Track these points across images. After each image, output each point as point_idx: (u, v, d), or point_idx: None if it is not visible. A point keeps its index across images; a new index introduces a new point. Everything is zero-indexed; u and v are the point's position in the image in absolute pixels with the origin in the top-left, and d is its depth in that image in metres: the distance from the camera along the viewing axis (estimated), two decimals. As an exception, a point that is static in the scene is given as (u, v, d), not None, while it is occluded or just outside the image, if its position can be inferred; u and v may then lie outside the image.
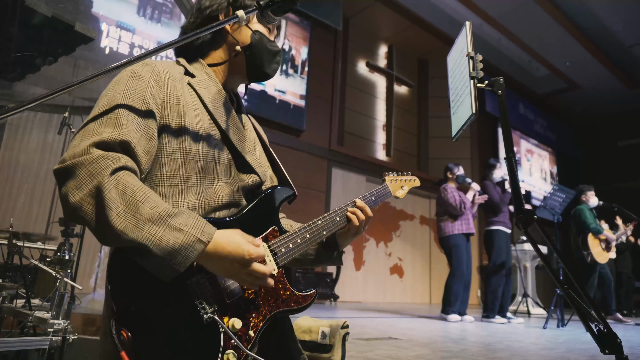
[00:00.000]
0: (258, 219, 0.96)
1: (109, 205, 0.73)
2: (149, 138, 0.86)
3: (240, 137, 1.02)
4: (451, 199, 5.09)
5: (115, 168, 0.76)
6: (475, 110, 1.52)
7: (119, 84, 0.88)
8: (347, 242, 1.16)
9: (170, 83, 0.94)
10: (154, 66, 0.93)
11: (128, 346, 0.73)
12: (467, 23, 1.66)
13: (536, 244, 1.46)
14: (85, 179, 0.74)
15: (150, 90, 0.89)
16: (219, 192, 0.93)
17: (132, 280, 0.78)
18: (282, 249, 0.96)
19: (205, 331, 0.80)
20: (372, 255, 8.76)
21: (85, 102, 4.50)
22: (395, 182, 1.36)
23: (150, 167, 0.88)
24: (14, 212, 4.54)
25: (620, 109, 12.28)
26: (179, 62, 1.04)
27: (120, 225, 0.72)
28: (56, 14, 2.16)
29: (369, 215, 1.14)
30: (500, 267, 5.16)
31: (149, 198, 0.77)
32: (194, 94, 0.97)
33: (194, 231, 0.77)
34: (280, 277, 0.95)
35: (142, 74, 0.90)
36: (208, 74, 1.04)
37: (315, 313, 4.51)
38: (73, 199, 0.74)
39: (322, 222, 1.06)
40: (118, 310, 0.76)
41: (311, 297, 0.99)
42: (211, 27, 0.88)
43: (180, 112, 0.92)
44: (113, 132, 0.80)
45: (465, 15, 8.75)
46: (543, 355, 2.55)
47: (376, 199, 1.23)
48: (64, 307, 1.88)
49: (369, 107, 9.58)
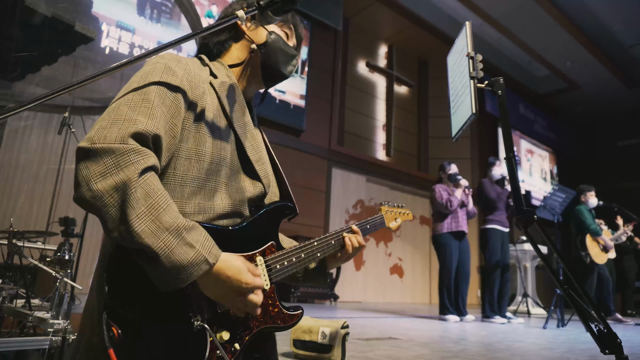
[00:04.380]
0: (258, 232, 0.96)
1: (132, 204, 0.71)
2: (173, 136, 0.85)
3: (253, 145, 1.02)
4: (438, 197, 5.10)
5: (146, 167, 0.75)
6: (475, 110, 1.52)
7: (153, 74, 0.86)
8: (334, 265, 1.20)
9: (199, 84, 0.93)
10: (186, 64, 0.93)
11: (116, 343, 0.72)
12: (467, 23, 1.66)
13: (536, 244, 1.46)
14: (112, 169, 0.72)
15: (183, 88, 0.89)
16: (225, 199, 0.93)
17: (130, 278, 0.78)
18: (277, 265, 0.97)
19: (192, 339, 0.80)
20: (372, 255, 8.76)
21: (85, 102, 4.51)
22: (390, 214, 1.42)
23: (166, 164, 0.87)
24: (14, 212, 4.54)
25: (620, 109, 12.28)
26: (203, 60, 1.03)
27: (139, 227, 0.71)
28: (56, 14, 2.16)
29: (362, 244, 1.18)
30: (495, 266, 5.17)
31: (169, 206, 0.76)
32: (214, 96, 0.97)
33: (203, 250, 0.77)
34: (271, 293, 0.95)
35: (176, 70, 0.89)
36: (229, 76, 1.03)
37: (315, 313, 4.51)
38: (95, 186, 0.71)
39: (318, 244, 1.08)
40: (111, 305, 0.75)
41: (297, 317, 0.99)
42: (211, 27, 0.88)
43: (202, 113, 0.92)
44: (148, 123, 0.79)
45: (465, 15, 8.75)
46: (543, 355, 2.55)
47: (371, 228, 1.29)
48: (64, 307, 1.88)
49: (369, 107, 9.58)
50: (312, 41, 8.21)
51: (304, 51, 8.01)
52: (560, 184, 5.26)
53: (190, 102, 0.90)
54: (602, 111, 12.62)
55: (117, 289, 0.76)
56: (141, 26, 5.97)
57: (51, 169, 4.88)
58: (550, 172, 13.02)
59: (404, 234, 9.44)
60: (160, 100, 0.83)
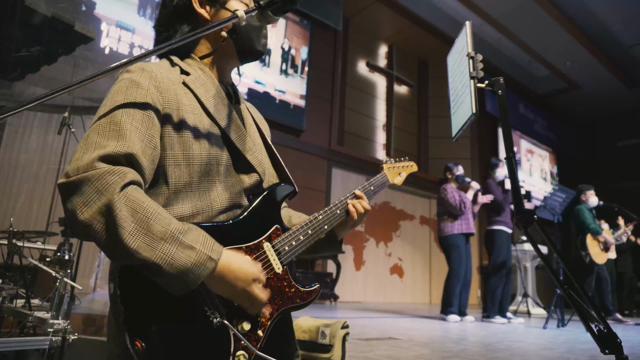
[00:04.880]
0: (261, 219, 0.96)
1: (120, 224, 0.72)
2: (153, 147, 0.85)
3: (240, 135, 1.00)
4: (451, 199, 5.09)
5: (124, 184, 0.75)
6: (476, 110, 1.51)
7: (118, 94, 0.86)
8: (344, 232, 1.17)
9: (169, 87, 0.92)
10: (151, 71, 0.91)
11: (142, 356, 0.73)
12: (467, 23, 1.66)
13: (536, 244, 1.46)
14: (93, 196, 0.73)
15: (151, 97, 0.87)
16: (222, 195, 0.93)
17: (143, 290, 0.78)
18: (285, 247, 0.96)
19: (216, 335, 0.81)
20: (372, 255, 8.76)
21: (85, 102, 4.51)
22: (393, 170, 1.38)
23: (153, 175, 0.87)
24: (14, 212, 4.54)
25: (620, 109, 12.28)
26: (172, 60, 1.01)
27: (133, 244, 0.72)
28: (56, 14, 2.16)
29: (367, 208, 1.15)
30: (501, 267, 5.16)
31: (159, 215, 0.76)
32: (190, 95, 0.95)
33: (205, 249, 0.77)
34: (285, 275, 0.95)
35: (140, 82, 0.88)
36: (202, 69, 1.01)
37: (315, 313, 4.51)
38: (82, 216, 0.72)
39: (323, 217, 1.07)
40: (129, 319, 0.75)
41: (315, 292, 1.00)
42: (211, 27, 0.86)
43: (181, 116, 0.91)
44: (117, 144, 0.78)
45: (465, 15, 8.75)
46: (543, 355, 2.55)
47: (375, 189, 1.25)
48: (64, 307, 1.88)
49: (369, 107, 9.58)
50: (312, 41, 8.21)
51: (304, 51, 8.02)
52: (560, 184, 5.26)
53: (163, 109, 0.89)
54: (602, 111, 12.62)
55: (133, 303, 0.77)
56: (141, 26, 5.97)
57: (51, 169, 4.88)
58: (550, 172, 13.02)
59: (404, 234, 9.44)
60: (129, 119, 0.82)
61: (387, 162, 1.38)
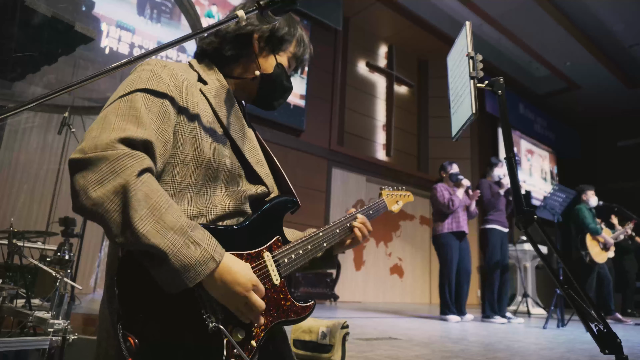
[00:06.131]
0: (263, 228, 0.96)
1: (134, 206, 0.71)
2: (165, 141, 0.85)
3: (249, 148, 1.02)
4: (440, 197, 5.10)
5: (142, 169, 0.75)
6: (475, 110, 1.52)
7: (139, 81, 0.86)
8: (340, 251, 1.21)
9: (188, 89, 0.93)
10: (172, 69, 0.92)
11: (134, 352, 0.73)
12: (467, 23, 1.66)
13: (536, 244, 1.46)
14: (109, 175, 0.72)
15: (171, 93, 0.88)
16: (226, 200, 0.93)
17: (142, 285, 0.78)
18: (285, 259, 0.97)
19: (209, 340, 0.80)
20: (372, 255, 8.76)
21: (85, 102, 4.50)
22: (391, 197, 1.44)
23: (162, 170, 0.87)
24: (14, 212, 4.54)
25: (620, 109, 12.27)
26: (192, 66, 1.02)
27: (144, 228, 0.71)
28: (56, 14, 2.16)
29: (370, 229, 1.21)
30: (495, 266, 5.17)
31: (171, 206, 0.77)
32: (206, 102, 0.96)
33: (209, 248, 0.77)
34: (282, 287, 0.95)
35: (162, 76, 0.89)
36: (220, 81, 1.02)
37: (315, 313, 4.49)
38: (94, 194, 0.71)
39: (323, 234, 1.10)
40: (125, 315, 0.75)
41: (310, 308, 1.00)
42: (211, 27, 0.87)
43: (195, 118, 0.91)
44: (137, 130, 0.79)
45: (465, 15, 8.75)
46: (543, 355, 2.55)
47: (373, 213, 1.30)
48: (64, 307, 1.88)
49: (369, 107, 9.58)
50: (312, 41, 8.05)
51: (304, 51, 8.01)
52: (560, 184, 5.26)
53: (180, 107, 0.90)
54: (602, 111, 12.61)
55: (129, 299, 0.76)
56: (141, 26, 5.97)
57: (51, 169, 4.88)
58: (550, 172, 13.01)
59: (404, 234, 9.44)
60: (147, 108, 0.83)
61: (386, 189, 1.44)
